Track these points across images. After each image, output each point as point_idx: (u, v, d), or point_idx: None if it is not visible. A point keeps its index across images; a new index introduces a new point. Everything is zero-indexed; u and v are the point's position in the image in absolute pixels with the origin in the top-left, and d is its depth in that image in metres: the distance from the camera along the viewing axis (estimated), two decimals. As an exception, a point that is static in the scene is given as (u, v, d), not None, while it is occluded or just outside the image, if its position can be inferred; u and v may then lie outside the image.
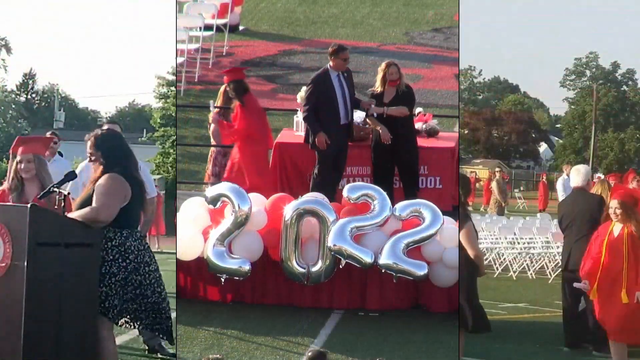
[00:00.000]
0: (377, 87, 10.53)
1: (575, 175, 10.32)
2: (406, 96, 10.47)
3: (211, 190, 9.63)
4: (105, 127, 9.05)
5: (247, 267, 9.39)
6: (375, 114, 10.44)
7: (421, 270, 9.32)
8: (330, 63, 10.45)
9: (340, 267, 9.40)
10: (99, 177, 7.08)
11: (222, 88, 11.21)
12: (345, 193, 9.56)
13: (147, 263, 7.18)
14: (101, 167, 7.13)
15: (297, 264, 9.40)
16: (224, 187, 9.61)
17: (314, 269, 9.41)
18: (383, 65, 10.56)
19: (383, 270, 9.33)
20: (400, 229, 9.47)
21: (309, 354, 6.60)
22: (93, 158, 7.21)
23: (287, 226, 9.38)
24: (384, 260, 9.29)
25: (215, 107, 11.19)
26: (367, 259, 9.30)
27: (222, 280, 9.45)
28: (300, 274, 9.42)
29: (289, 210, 9.40)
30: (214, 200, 9.51)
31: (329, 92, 10.34)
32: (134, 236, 7.14)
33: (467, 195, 8.56)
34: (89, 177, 7.46)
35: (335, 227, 9.30)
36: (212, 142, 11.11)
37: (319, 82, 10.40)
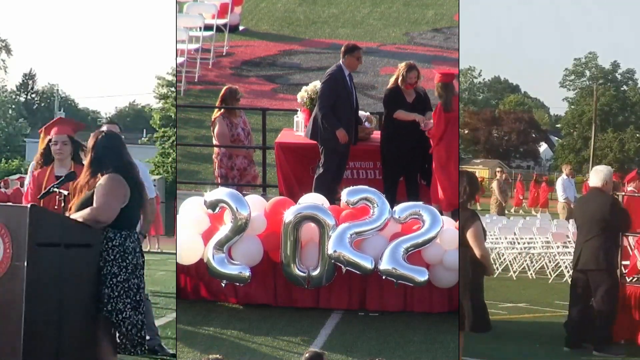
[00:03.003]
0: (393, 86, 10.51)
1: (594, 175, 10.31)
2: (427, 98, 10.53)
3: (209, 196, 9.57)
4: (104, 127, 9.06)
5: (247, 273, 9.37)
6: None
7: (422, 277, 9.27)
8: (344, 61, 10.42)
9: (343, 272, 9.38)
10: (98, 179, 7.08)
11: (224, 89, 11.19)
12: (344, 197, 9.49)
13: (141, 266, 7.20)
14: (95, 168, 7.13)
15: (298, 268, 9.39)
16: (222, 193, 9.55)
17: (315, 273, 9.39)
18: (403, 66, 10.51)
19: (384, 277, 9.32)
20: (399, 232, 9.45)
21: (307, 355, 6.60)
22: (90, 158, 7.21)
23: (286, 231, 9.35)
24: (384, 266, 9.25)
25: (217, 106, 11.17)
26: (368, 265, 9.27)
27: (223, 284, 9.45)
28: (301, 277, 9.41)
29: (288, 216, 9.38)
30: (212, 206, 9.48)
31: (346, 89, 10.36)
32: (132, 237, 7.14)
33: (475, 193, 8.51)
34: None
35: (335, 234, 9.25)
36: (215, 142, 11.08)
37: (338, 81, 10.36)
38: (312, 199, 9.66)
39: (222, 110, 11.03)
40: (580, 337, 10.09)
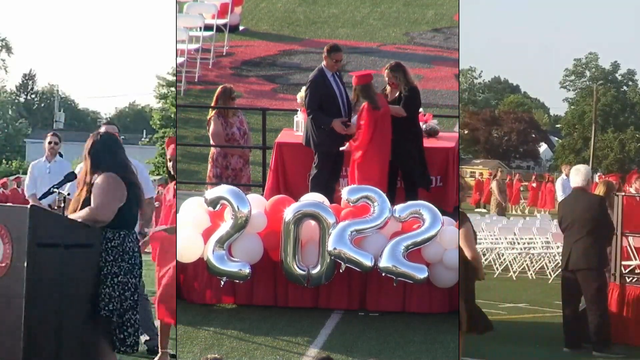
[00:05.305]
0: (386, 88, 10.51)
1: (575, 175, 10.31)
2: (406, 97, 10.41)
3: (210, 193, 9.60)
4: (102, 128, 9.07)
5: (247, 270, 9.38)
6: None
7: (421, 274, 9.29)
8: (324, 63, 10.44)
9: (341, 271, 9.39)
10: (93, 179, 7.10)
11: (219, 89, 11.18)
12: (344, 195, 9.53)
13: (138, 266, 7.21)
14: (94, 169, 7.15)
15: (297, 266, 9.40)
16: (223, 190, 9.58)
17: (314, 271, 9.39)
18: (387, 66, 10.52)
19: (383, 274, 9.33)
20: (400, 230, 9.46)
21: None
22: (87, 157, 7.22)
23: (286, 229, 9.36)
24: (384, 263, 9.26)
25: (217, 107, 11.15)
26: (367, 262, 9.28)
27: (222, 282, 9.46)
28: (301, 276, 9.42)
29: (288, 213, 9.39)
30: (213, 203, 9.49)
31: (329, 91, 10.33)
32: (131, 237, 7.16)
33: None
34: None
35: (335, 231, 9.28)
36: (211, 141, 11.08)
37: (319, 84, 10.36)
38: (313, 198, 9.67)
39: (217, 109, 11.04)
40: (578, 338, 10.09)
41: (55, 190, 7.40)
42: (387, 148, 10.19)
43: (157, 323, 9.98)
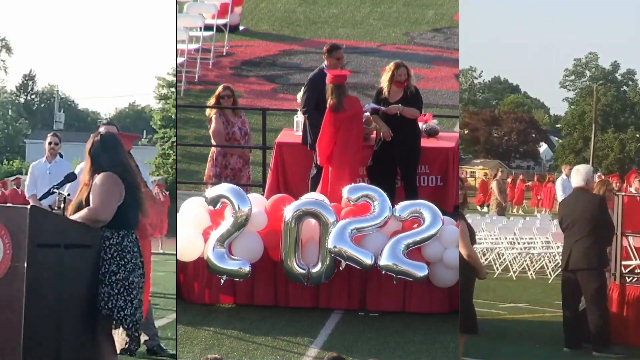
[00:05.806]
0: (384, 87, 10.44)
1: (576, 175, 10.32)
2: (415, 97, 10.39)
3: (211, 192, 9.62)
4: (102, 129, 9.07)
5: (247, 268, 9.39)
6: (379, 112, 10.32)
7: (421, 272, 9.30)
8: (325, 62, 10.45)
9: (341, 269, 9.39)
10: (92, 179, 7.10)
11: (219, 88, 11.16)
12: (345, 194, 9.54)
13: (139, 265, 7.20)
14: (94, 169, 7.15)
15: (297, 265, 9.40)
16: (223, 188, 9.59)
17: (314, 270, 9.40)
18: (392, 65, 10.41)
19: (383, 272, 9.33)
20: (400, 229, 9.46)
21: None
22: (89, 158, 7.22)
23: (287, 227, 9.37)
24: (384, 261, 9.28)
25: (218, 106, 11.13)
26: (367, 260, 9.29)
27: (222, 281, 9.46)
28: (301, 275, 9.42)
29: (289, 211, 9.40)
30: (213, 201, 9.50)
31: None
32: (130, 237, 7.14)
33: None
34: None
35: (336, 229, 9.29)
36: (212, 142, 11.09)
37: (318, 83, 10.36)
38: (313, 197, 9.67)
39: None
40: (578, 338, 10.10)
41: (55, 190, 7.40)
42: (354, 150, 10.11)
43: (157, 323, 10.01)
